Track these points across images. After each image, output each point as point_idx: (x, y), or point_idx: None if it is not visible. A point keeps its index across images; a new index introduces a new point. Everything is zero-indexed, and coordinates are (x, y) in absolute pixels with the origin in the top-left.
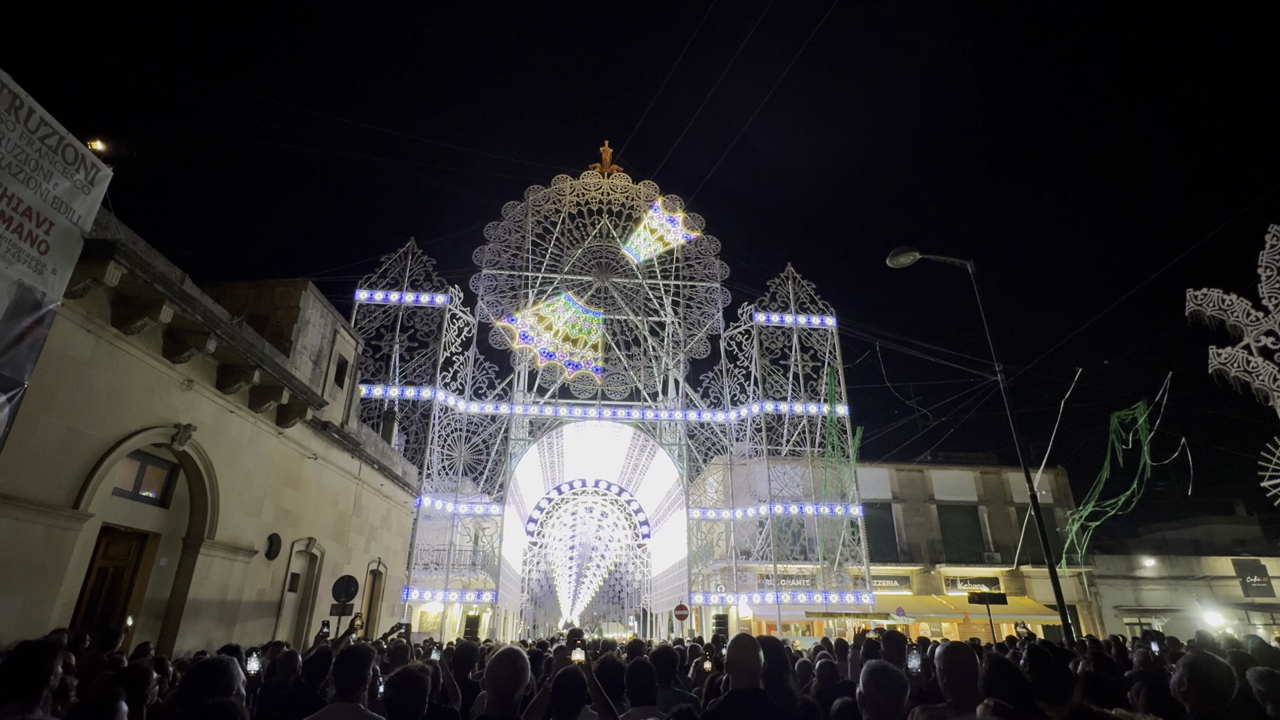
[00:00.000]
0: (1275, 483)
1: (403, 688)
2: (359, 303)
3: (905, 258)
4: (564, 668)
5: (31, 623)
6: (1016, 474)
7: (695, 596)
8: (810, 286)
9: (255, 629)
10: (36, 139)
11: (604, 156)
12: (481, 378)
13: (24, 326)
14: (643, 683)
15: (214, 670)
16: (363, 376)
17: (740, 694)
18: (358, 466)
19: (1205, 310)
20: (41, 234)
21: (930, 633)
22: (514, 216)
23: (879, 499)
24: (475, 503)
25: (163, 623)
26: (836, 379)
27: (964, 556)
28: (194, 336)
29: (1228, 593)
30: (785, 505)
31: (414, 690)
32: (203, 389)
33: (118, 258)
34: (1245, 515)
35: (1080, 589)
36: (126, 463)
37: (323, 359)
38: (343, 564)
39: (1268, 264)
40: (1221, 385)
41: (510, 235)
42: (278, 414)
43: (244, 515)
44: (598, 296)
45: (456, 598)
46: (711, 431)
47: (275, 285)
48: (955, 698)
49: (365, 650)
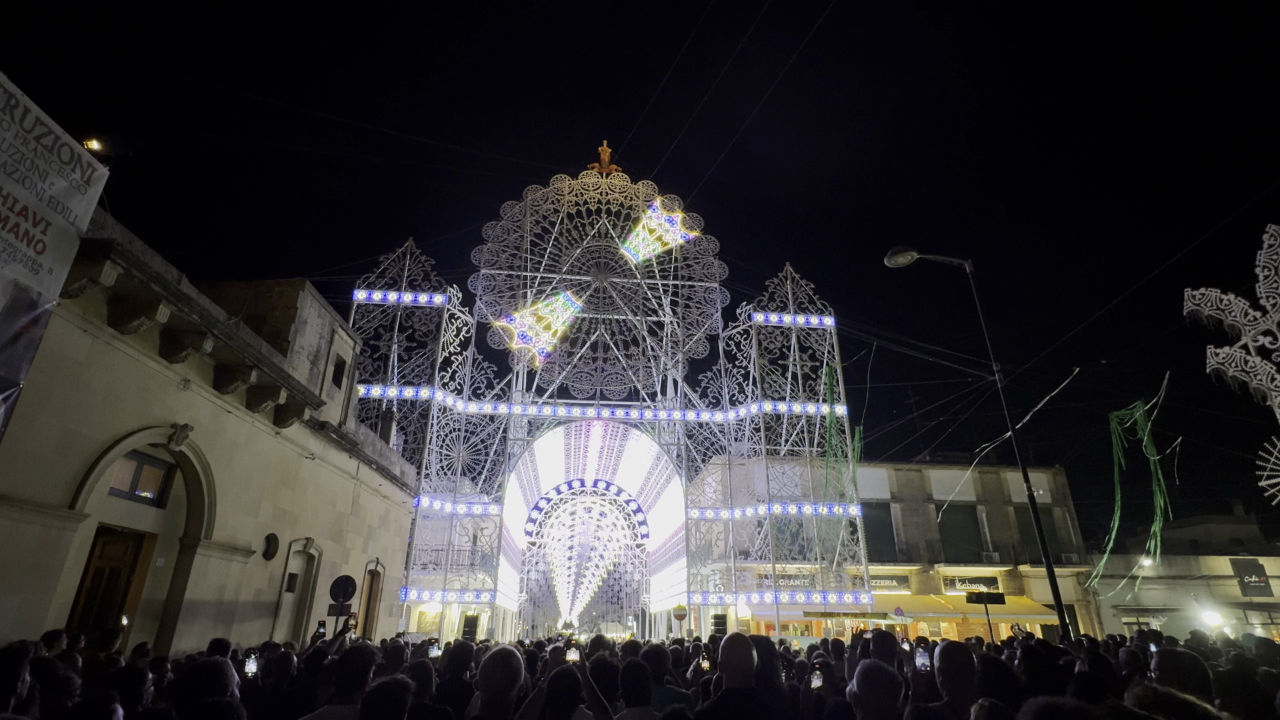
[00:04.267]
0: (1273, 482)
1: (379, 705)
2: (357, 303)
3: (903, 257)
4: (559, 667)
5: (27, 623)
6: (1015, 473)
7: (694, 596)
8: (809, 286)
9: (253, 629)
10: (32, 138)
11: (602, 156)
12: (480, 378)
13: (20, 326)
14: (637, 682)
15: (207, 672)
16: (361, 376)
17: (733, 693)
18: (356, 466)
19: (1203, 310)
20: (38, 233)
21: (929, 632)
22: (512, 216)
23: (877, 499)
24: (474, 503)
25: (160, 623)
26: (835, 379)
27: (962, 556)
28: (191, 336)
29: (1226, 592)
30: (784, 505)
31: (391, 707)
32: (200, 389)
33: (114, 257)
34: (1243, 515)
35: (1078, 589)
36: (123, 463)
37: (320, 359)
38: (340, 564)
39: (1265, 264)
40: (1220, 385)
41: (509, 235)
42: (275, 414)
43: (241, 515)
44: (596, 296)
45: (455, 598)
46: (710, 431)
47: (273, 285)
48: (953, 697)
49: (367, 651)
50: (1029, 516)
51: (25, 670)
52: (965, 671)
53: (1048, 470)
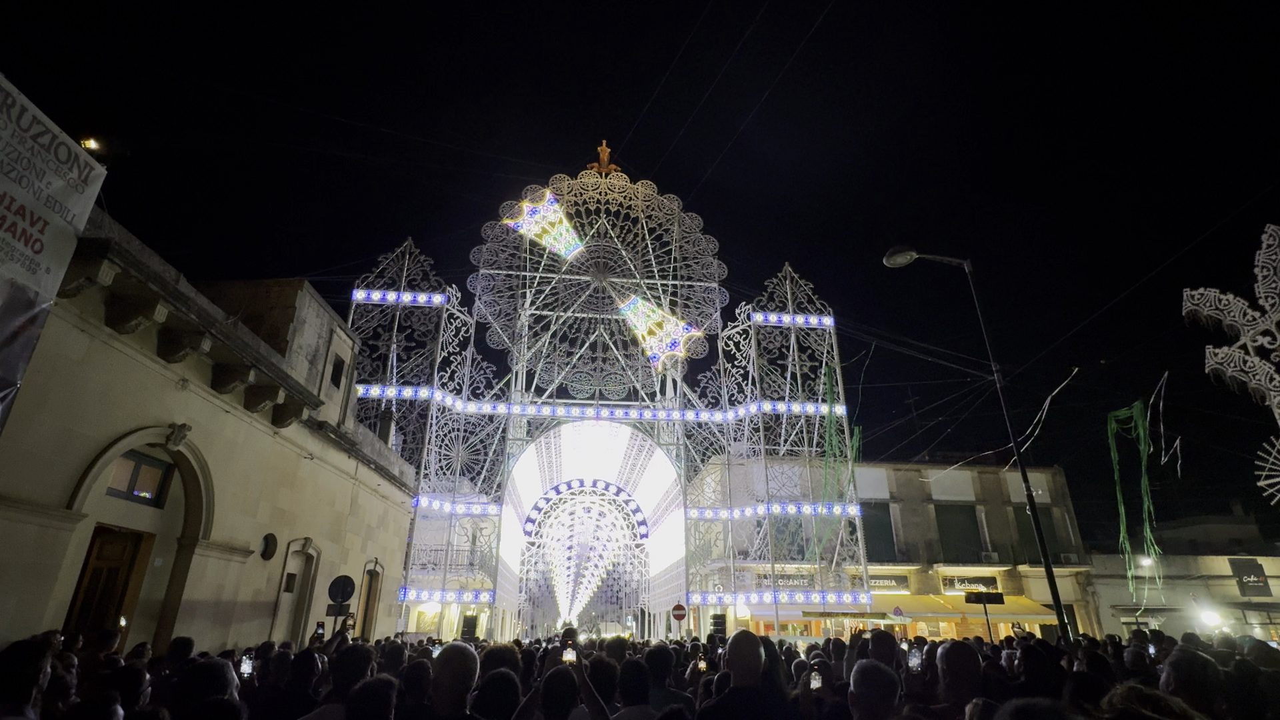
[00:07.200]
0: (1272, 482)
1: (363, 705)
2: (356, 302)
3: (902, 257)
4: (555, 668)
5: (25, 623)
6: (1014, 474)
7: (693, 596)
8: (808, 286)
9: (251, 629)
10: (29, 137)
11: (602, 156)
12: (479, 378)
13: (17, 325)
14: (635, 682)
15: (208, 673)
16: (360, 376)
17: (741, 691)
18: (354, 466)
19: (1202, 310)
20: (35, 232)
21: (928, 633)
22: (512, 216)
23: (876, 499)
24: (473, 503)
25: (158, 623)
26: (834, 379)
27: (961, 556)
28: (189, 336)
29: (1225, 592)
30: (783, 505)
31: (376, 706)
32: (198, 389)
33: (111, 257)
34: (1242, 515)
35: (1077, 589)
36: (121, 463)
37: (319, 359)
38: (339, 564)
39: (1264, 264)
40: (1218, 385)
41: (508, 235)
42: (273, 414)
43: (239, 515)
44: (596, 296)
45: (454, 598)
46: (709, 431)
47: (271, 285)
48: (956, 699)
49: (365, 651)
50: (1028, 516)
51: (47, 663)
52: (970, 674)
53: (1046, 470)
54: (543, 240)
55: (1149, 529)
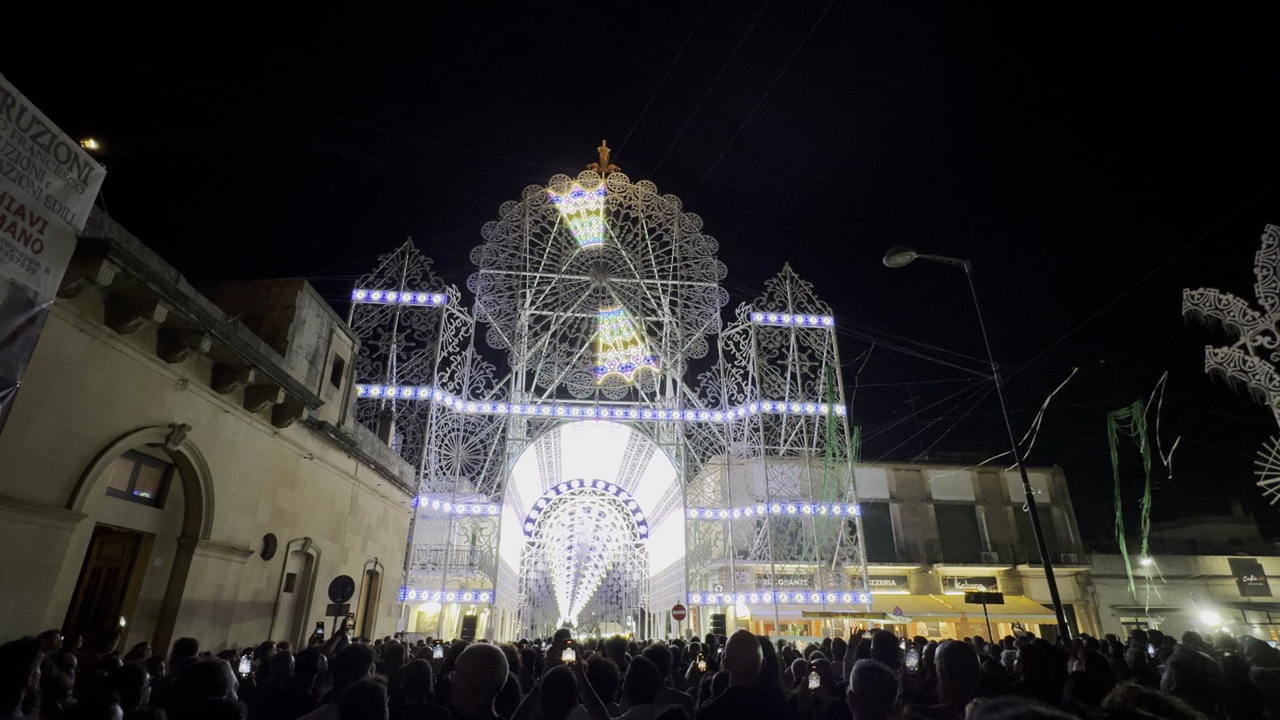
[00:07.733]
0: (1271, 482)
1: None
2: (356, 302)
3: (902, 257)
4: (554, 667)
5: (25, 623)
6: (1014, 473)
7: (693, 596)
8: (808, 286)
9: (251, 629)
10: (28, 137)
11: (601, 156)
12: (479, 378)
13: (16, 325)
14: (644, 680)
15: (207, 673)
16: (360, 376)
17: (739, 691)
18: (354, 466)
19: (1202, 310)
20: (35, 232)
21: (928, 632)
22: (511, 216)
23: (876, 498)
24: (473, 503)
25: (157, 623)
26: (834, 378)
27: (961, 556)
28: (189, 336)
29: (1224, 592)
30: (783, 505)
31: (368, 707)
32: (198, 389)
33: (111, 256)
34: (1242, 514)
35: (1076, 589)
36: (121, 463)
37: (319, 359)
38: (339, 564)
39: (1264, 264)
40: (1218, 385)
41: (508, 235)
42: (273, 414)
43: (239, 515)
44: (595, 296)
45: (454, 598)
46: (709, 431)
47: (271, 285)
48: (954, 699)
49: (365, 651)
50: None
51: (37, 665)
52: (969, 674)
53: (1046, 470)
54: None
55: (1145, 529)
